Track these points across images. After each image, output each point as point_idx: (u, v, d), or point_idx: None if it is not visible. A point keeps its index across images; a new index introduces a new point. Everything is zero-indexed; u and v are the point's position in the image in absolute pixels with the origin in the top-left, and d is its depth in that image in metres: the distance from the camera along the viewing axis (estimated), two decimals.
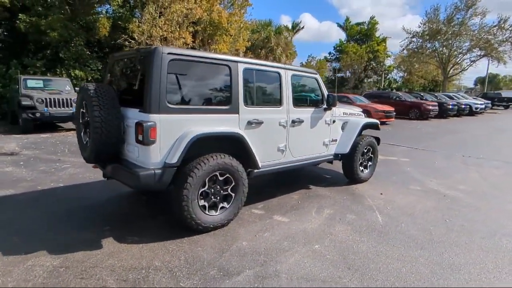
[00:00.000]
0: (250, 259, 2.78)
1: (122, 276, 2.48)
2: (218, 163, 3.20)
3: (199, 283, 2.42)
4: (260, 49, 23.57)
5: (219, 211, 3.34)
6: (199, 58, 3.19)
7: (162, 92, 2.88)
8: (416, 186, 5.17)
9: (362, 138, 5.10)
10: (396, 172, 6.06)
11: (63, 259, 2.71)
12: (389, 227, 3.54)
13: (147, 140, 2.81)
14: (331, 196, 4.55)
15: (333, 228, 3.48)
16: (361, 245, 3.11)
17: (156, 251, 2.88)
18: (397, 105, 17.99)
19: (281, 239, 3.18)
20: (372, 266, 2.73)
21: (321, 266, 2.70)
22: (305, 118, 4.24)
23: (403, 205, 4.26)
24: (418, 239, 3.26)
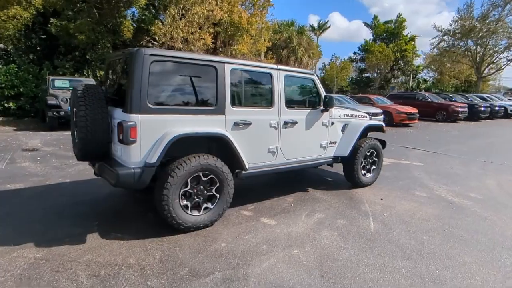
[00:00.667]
0: (224, 261, 2.76)
1: (95, 271, 2.55)
2: (201, 164, 3.21)
3: (166, 282, 2.44)
4: (282, 49, 23.44)
5: (202, 211, 3.35)
6: (183, 59, 3.21)
7: (143, 92, 2.94)
8: (422, 193, 4.90)
9: (364, 141, 4.91)
10: (404, 177, 5.78)
11: (46, 252, 2.84)
12: (379, 235, 3.38)
13: (127, 140, 2.88)
14: (327, 200, 4.42)
15: (319, 233, 3.38)
16: (343, 252, 2.99)
17: (134, 248, 2.94)
18: (423, 107, 17.24)
19: (261, 242, 3.13)
20: (348, 275, 2.62)
21: (294, 272, 2.63)
22: (299, 119, 4.15)
23: (401, 212, 4.05)
24: (407, 249, 3.08)
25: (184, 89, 3.32)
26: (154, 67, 3.02)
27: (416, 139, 10.79)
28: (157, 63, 3.05)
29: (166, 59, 3.12)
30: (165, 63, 3.13)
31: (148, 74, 2.96)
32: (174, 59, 3.17)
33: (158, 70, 3.06)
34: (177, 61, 3.19)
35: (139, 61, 2.94)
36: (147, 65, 2.96)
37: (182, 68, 3.24)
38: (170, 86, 3.22)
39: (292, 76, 4.17)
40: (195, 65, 3.30)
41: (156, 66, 3.04)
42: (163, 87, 3.15)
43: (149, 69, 2.97)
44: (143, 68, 2.94)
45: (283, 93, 3.97)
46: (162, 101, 3.13)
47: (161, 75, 3.11)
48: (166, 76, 3.16)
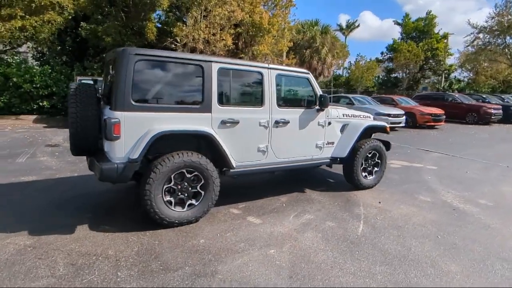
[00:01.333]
0: (197, 257, 2.80)
1: (73, 260, 2.69)
2: (184, 161, 3.27)
3: (135, 274, 2.52)
4: (305, 49, 23.19)
5: (186, 207, 3.41)
6: (169, 58, 3.30)
7: (127, 90, 3.04)
8: (426, 197, 4.66)
9: (365, 142, 4.76)
10: (411, 180, 5.53)
11: (36, 240, 3.02)
12: (365, 239, 3.26)
13: (110, 136, 3.00)
14: (322, 201, 4.33)
15: (302, 234, 3.32)
16: (321, 254, 2.92)
17: (116, 240, 3.06)
18: (452, 108, 16.36)
19: (240, 241, 3.13)
20: (319, 277, 2.56)
21: (264, 271, 2.61)
22: (292, 118, 4.10)
23: (397, 217, 3.88)
24: (390, 255, 2.95)
25: (169, 87, 3.40)
26: (139, 66, 3.12)
27: (437, 141, 10.25)
28: (143, 62, 3.15)
29: (151, 59, 3.22)
30: (150, 62, 3.22)
31: (132, 72, 3.07)
32: (160, 59, 3.26)
33: (143, 69, 3.17)
34: (163, 61, 3.28)
35: (124, 60, 3.05)
36: (132, 64, 3.06)
37: (168, 67, 3.33)
38: (156, 84, 3.31)
39: (285, 75, 4.13)
40: (181, 64, 3.37)
41: (141, 65, 3.14)
42: (148, 86, 3.25)
43: (133, 68, 3.07)
44: (127, 67, 3.05)
45: (275, 92, 3.94)
46: (146, 99, 3.23)
47: (146, 74, 3.21)
48: (151, 74, 3.26)
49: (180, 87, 3.46)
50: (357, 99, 14.20)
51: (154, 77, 3.29)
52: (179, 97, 3.43)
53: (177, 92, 3.44)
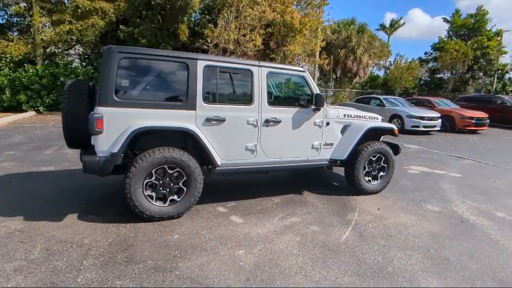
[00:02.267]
0: (164, 252, 2.82)
1: (49, 246, 2.85)
2: (165, 156, 3.32)
3: (99, 263, 2.60)
4: (339, 49, 22.50)
5: (168, 203, 3.46)
6: (153, 56, 3.37)
7: (110, 86, 3.16)
8: (434, 206, 4.26)
9: (368, 144, 4.48)
10: (425, 188, 5.09)
11: (27, 225, 3.25)
12: (346, 247, 3.06)
13: (93, 130, 3.13)
14: (316, 205, 4.15)
15: (280, 237, 3.21)
16: (291, 259, 2.79)
17: (97, 230, 3.19)
18: (500, 112, 14.92)
19: (213, 239, 3.10)
20: (278, 282, 2.44)
21: (223, 271, 2.55)
22: (284, 118, 3.98)
23: (392, 225, 3.59)
24: (366, 265, 2.73)
25: (153, 84, 3.48)
26: (123, 64, 3.22)
27: (473, 147, 9.36)
28: (127, 60, 3.25)
29: (136, 56, 3.31)
30: (135, 60, 3.32)
31: (116, 70, 3.17)
32: (144, 56, 3.34)
33: (127, 66, 3.27)
34: (148, 58, 3.36)
35: (108, 57, 3.17)
36: (116, 62, 3.17)
37: (152, 65, 3.40)
38: (140, 81, 3.41)
39: (278, 73, 4.03)
40: (166, 61, 3.43)
41: (125, 62, 3.24)
42: (132, 82, 3.35)
43: (117, 65, 3.18)
44: (111, 64, 3.16)
45: (265, 90, 3.85)
46: (130, 95, 3.33)
47: (130, 71, 3.31)
48: (135, 72, 3.35)
49: (165, 84, 3.52)
50: (389, 100, 13.46)
51: (138, 74, 3.38)
52: (164, 94, 3.49)
53: (162, 89, 3.51)
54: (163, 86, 3.52)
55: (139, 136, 3.45)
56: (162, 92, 3.49)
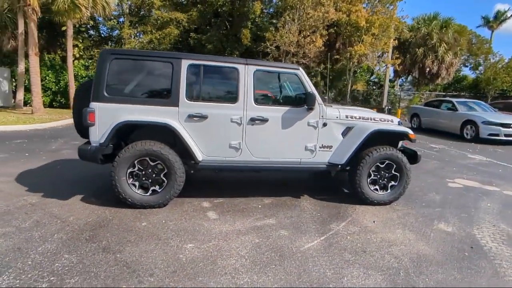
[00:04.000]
0: (122, 236, 3.03)
1: (41, 218, 3.33)
2: (146, 149, 3.57)
3: (65, 238, 2.94)
4: (417, 48, 20.29)
5: (149, 192, 3.70)
6: (141, 56, 3.66)
7: (101, 84, 3.55)
8: (448, 227, 3.57)
9: (374, 149, 4.01)
10: (455, 205, 4.30)
11: (40, 200, 3.87)
12: (301, 256, 2.81)
13: (86, 123, 3.57)
14: (305, 210, 3.90)
15: (240, 237, 3.13)
16: (232, 259, 2.70)
17: (86, 210, 3.60)
18: None
19: (174, 230, 3.19)
20: (200, 279, 2.41)
21: (157, 261, 2.62)
22: (272, 117, 3.85)
23: (375, 241, 3.15)
24: (307, 278, 2.47)
25: (141, 82, 3.75)
26: (114, 64, 3.59)
27: None
28: (118, 60, 3.61)
29: (126, 57, 3.65)
30: (125, 60, 3.66)
31: (107, 69, 3.55)
32: (133, 57, 3.67)
33: (118, 66, 3.61)
34: (137, 59, 3.67)
35: (102, 58, 3.57)
36: (108, 62, 3.55)
37: (140, 64, 3.69)
38: (128, 79, 3.72)
39: (266, 71, 3.92)
40: (153, 61, 3.69)
41: (116, 62, 3.60)
42: (121, 80, 3.68)
43: (108, 65, 3.55)
44: (103, 64, 3.55)
45: (252, 88, 3.80)
46: (119, 92, 3.66)
47: (120, 70, 3.64)
48: (125, 71, 3.68)
49: (151, 82, 3.78)
50: (466, 104, 11.60)
51: (127, 72, 3.70)
52: (150, 91, 3.75)
53: (148, 86, 3.77)
54: (150, 84, 3.78)
55: (131, 130, 3.80)
56: (149, 90, 3.76)
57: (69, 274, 2.39)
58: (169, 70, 3.66)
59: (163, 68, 3.69)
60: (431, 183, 5.39)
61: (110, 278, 2.36)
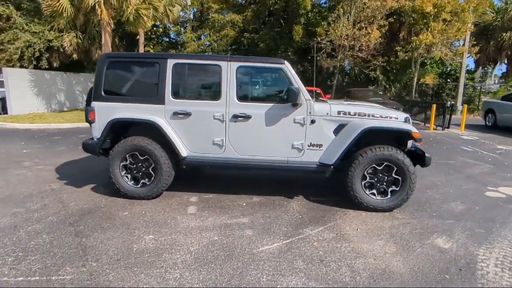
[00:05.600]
0: (98, 222, 3.31)
1: (49, 202, 3.83)
2: (134, 144, 3.84)
3: (55, 220, 3.35)
4: (503, 32, 17.21)
5: (140, 185, 3.97)
6: (133, 59, 3.94)
7: (100, 85, 3.92)
8: (447, 243, 3.00)
9: (369, 149, 3.60)
10: (481, 218, 3.60)
11: (60, 187, 4.45)
12: (249, 257, 2.70)
13: (87, 120, 3.99)
14: (290, 211, 3.70)
15: (202, 232, 3.13)
16: (176, 254, 2.74)
17: (88, 197, 4.02)
18: None
19: (146, 221, 3.36)
20: (139, 270, 2.51)
21: (111, 248, 2.80)
22: (256, 113, 3.75)
23: (341, 251, 2.84)
24: (225, 278, 2.38)
25: (133, 82, 4.01)
26: (110, 66, 3.92)
27: None
28: (114, 63, 3.94)
29: (120, 60, 3.97)
30: (120, 63, 3.97)
31: (104, 71, 3.91)
32: (126, 59, 3.97)
33: (113, 68, 3.94)
34: (129, 60, 3.96)
35: (100, 62, 3.95)
36: (105, 64, 3.91)
37: (133, 66, 3.97)
38: (122, 80, 4.02)
39: (250, 67, 3.82)
40: (142, 62, 3.93)
41: (112, 65, 3.93)
42: (116, 81, 3.99)
43: (105, 67, 3.91)
44: (101, 66, 3.92)
45: (234, 85, 3.76)
46: (114, 92, 3.98)
47: (115, 71, 3.96)
48: (119, 72, 3.99)
49: (141, 81, 4.01)
50: None
51: (121, 74, 4.01)
52: (141, 90, 3.99)
53: (139, 86, 4.02)
54: (141, 84, 4.02)
55: (128, 126, 4.12)
56: (140, 89, 4.01)
57: (34, 251, 2.74)
58: (156, 70, 3.86)
59: (151, 68, 3.91)
60: (464, 190, 4.59)
61: (62, 259, 2.63)
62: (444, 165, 5.99)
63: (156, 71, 3.85)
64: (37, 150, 6.83)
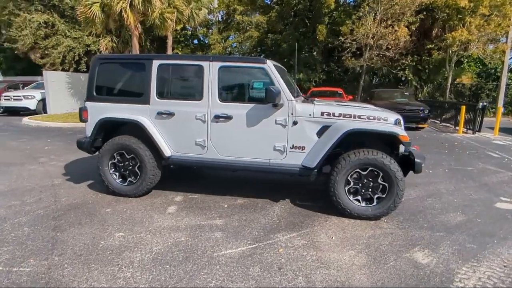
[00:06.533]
0: (79, 218, 3.43)
1: (45, 196, 4.06)
2: (120, 143, 3.95)
3: (41, 213, 3.53)
4: None
5: (127, 183, 4.07)
6: (121, 60, 4.05)
7: (92, 86, 4.08)
8: (427, 257, 2.72)
9: (353, 152, 3.40)
10: (479, 232, 3.24)
11: (62, 182, 4.69)
12: (208, 263, 2.64)
13: (81, 119, 4.17)
14: (268, 215, 3.59)
15: (171, 232, 3.13)
16: (137, 252, 2.75)
17: (81, 194, 4.19)
18: None
19: (123, 219, 3.42)
20: (95, 267, 2.56)
21: (80, 242, 2.89)
22: (236, 114, 3.69)
23: (309, 260, 2.69)
24: (185, 286, 2.33)
25: (122, 82, 4.12)
26: (101, 67, 4.07)
27: None
28: (104, 64, 4.08)
29: (110, 61, 4.10)
30: (110, 64, 4.10)
31: (96, 72, 4.06)
32: (116, 60, 4.08)
33: (104, 69, 4.08)
34: (118, 62, 4.08)
35: (92, 63, 4.11)
36: (96, 66, 4.07)
37: (121, 67, 4.09)
38: (112, 80, 4.13)
39: (232, 67, 3.75)
40: (130, 63, 4.03)
41: (103, 66, 4.08)
42: (107, 81, 4.12)
43: (97, 69, 4.06)
44: (93, 68, 4.08)
45: (216, 85, 3.73)
46: (105, 92, 4.12)
47: (106, 72, 4.09)
48: (110, 73, 4.11)
49: (129, 82, 4.10)
50: None
51: (111, 74, 4.13)
52: (128, 90, 4.09)
53: (127, 86, 4.11)
54: (129, 84, 4.12)
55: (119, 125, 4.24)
56: (128, 89, 4.11)
57: (10, 242, 2.89)
58: (143, 71, 3.93)
59: (138, 69, 3.99)
60: (471, 199, 4.17)
61: (30, 251, 2.75)
62: (458, 172, 5.50)
63: (143, 72, 3.93)
64: (57, 147, 7.29)
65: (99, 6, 13.64)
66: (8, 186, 4.50)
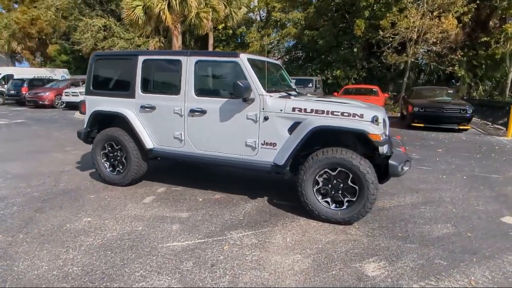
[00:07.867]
0: (64, 202, 3.72)
1: (47, 181, 4.48)
2: (109, 135, 4.20)
3: (37, 195, 3.90)
4: None
5: (116, 172, 4.31)
6: (114, 56, 4.28)
7: (89, 80, 4.40)
8: (378, 270, 2.44)
9: (321, 151, 3.19)
10: (461, 247, 2.82)
11: (70, 169, 5.14)
12: (149, 254, 2.69)
13: (80, 111, 4.51)
14: (236, 211, 3.53)
15: (133, 221, 3.24)
16: (91, 238, 2.90)
17: (77, 181, 4.54)
18: None
19: (100, 206, 3.63)
20: (48, 247, 2.76)
21: (54, 226, 3.14)
22: (210, 108, 3.68)
23: (248, 261, 2.59)
24: (112, 274, 2.40)
25: (115, 77, 4.35)
26: (98, 63, 4.36)
27: None
28: (100, 61, 4.36)
29: (105, 58, 4.37)
30: (105, 60, 4.37)
31: (93, 68, 4.36)
32: (109, 57, 4.33)
33: (100, 65, 4.36)
34: (111, 58, 4.33)
35: (90, 59, 4.41)
36: (93, 62, 4.36)
37: (113, 63, 4.33)
38: (106, 75, 4.39)
39: (208, 61, 3.75)
40: (120, 59, 4.24)
41: (99, 62, 4.36)
42: (102, 76, 4.39)
43: (94, 65, 4.36)
44: (91, 64, 4.38)
45: (192, 80, 3.75)
46: (100, 87, 4.39)
47: (101, 68, 4.37)
48: (104, 68, 4.38)
49: (120, 77, 4.31)
50: None
51: (105, 70, 4.39)
52: (118, 85, 4.30)
53: (118, 81, 4.33)
54: (119, 79, 4.33)
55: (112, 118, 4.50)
56: (118, 84, 4.32)
57: None
58: (130, 66, 4.12)
59: (126, 64, 4.17)
60: (474, 210, 3.64)
61: (4, 228, 3.06)
62: (478, 179, 4.84)
63: (130, 67, 4.11)
64: None
65: (141, 9, 14.56)
66: (27, 170, 5.05)
